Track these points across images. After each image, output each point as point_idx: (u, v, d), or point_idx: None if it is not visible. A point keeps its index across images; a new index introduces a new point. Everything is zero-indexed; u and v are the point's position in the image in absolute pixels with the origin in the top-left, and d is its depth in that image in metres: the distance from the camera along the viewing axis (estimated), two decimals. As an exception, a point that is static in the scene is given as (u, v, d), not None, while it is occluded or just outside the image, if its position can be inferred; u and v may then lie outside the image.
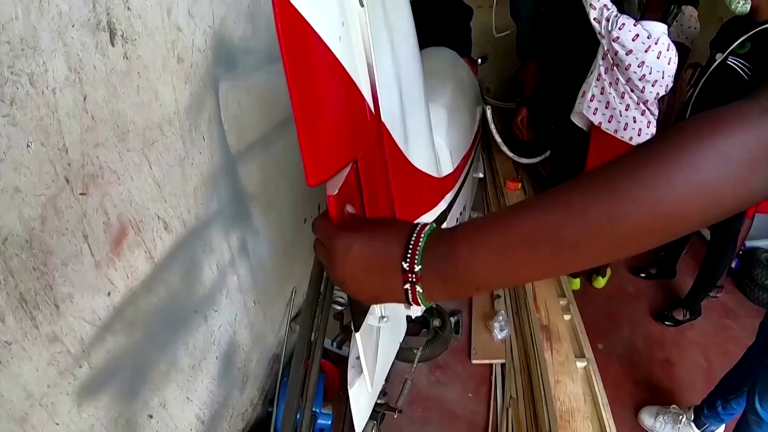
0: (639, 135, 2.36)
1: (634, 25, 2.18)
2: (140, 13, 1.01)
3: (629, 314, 2.73)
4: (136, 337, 1.05)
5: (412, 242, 0.48)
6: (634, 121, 2.34)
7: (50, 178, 0.81)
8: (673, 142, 0.41)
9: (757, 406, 1.51)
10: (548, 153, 3.49)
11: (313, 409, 1.59)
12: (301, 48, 0.54)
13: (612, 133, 2.40)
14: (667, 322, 2.67)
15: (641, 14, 2.27)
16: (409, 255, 0.47)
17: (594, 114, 2.41)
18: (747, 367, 1.76)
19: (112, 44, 0.94)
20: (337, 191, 0.58)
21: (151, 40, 1.05)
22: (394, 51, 0.93)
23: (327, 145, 0.61)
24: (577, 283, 2.80)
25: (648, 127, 2.35)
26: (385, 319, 1.11)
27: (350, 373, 1.02)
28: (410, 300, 0.50)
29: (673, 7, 2.26)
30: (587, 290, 2.85)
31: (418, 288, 0.48)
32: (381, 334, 1.15)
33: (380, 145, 0.88)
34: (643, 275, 3.03)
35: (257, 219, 1.66)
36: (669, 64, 2.23)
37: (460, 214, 2.21)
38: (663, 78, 2.24)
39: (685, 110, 2.43)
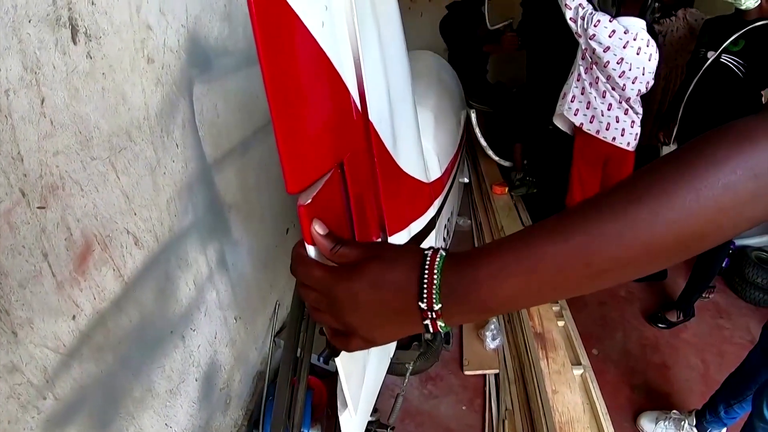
0: (622, 135, 2.35)
1: (610, 21, 2.18)
2: (106, 9, 0.94)
3: (622, 318, 2.71)
4: (106, 362, 0.97)
5: (425, 280, 0.44)
6: (617, 121, 2.34)
7: (3, 190, 0.73)
8: (701, 156, 0.39)
9: (765, 410, 1.49)
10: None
11: (301, 430, 1.52)
12: (278, 31, 0.47)
13: (594, 134, 2.38)
14: (660, 325, 2.65)
15: (617, 10, 2.27)
16: (425, 295, 0.44)
17: (575, 115, 2.40)
18: (750, 372, 1.73)
19: (74, 42, 0.87)
20: (310, 200, 0.51)
21: (118, 38, 0.98)
22: (381, 45, 0.86)
23: (309, 148, 0.54)
24: (568, 288, 2.75)
25: (632, 126, 2.36)
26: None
27: (339, 397, 0.94)
28: (431, 331, 0.46)
29: (650, 1, 2.25)
30: (578, 296, 2.79)
31: (440, 322, 0.44)
32: (370, 355, 1.08)
33: (368, 147, 0.81)
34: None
35: (236, 230, 1.59)
36: (649, 60, 2.23)
37: (448, 220, 2.16)
38: (643, 75, 2.25)
39: (677, 108, 2.42)
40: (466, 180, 3.38)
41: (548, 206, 3.07)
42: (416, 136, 1.29)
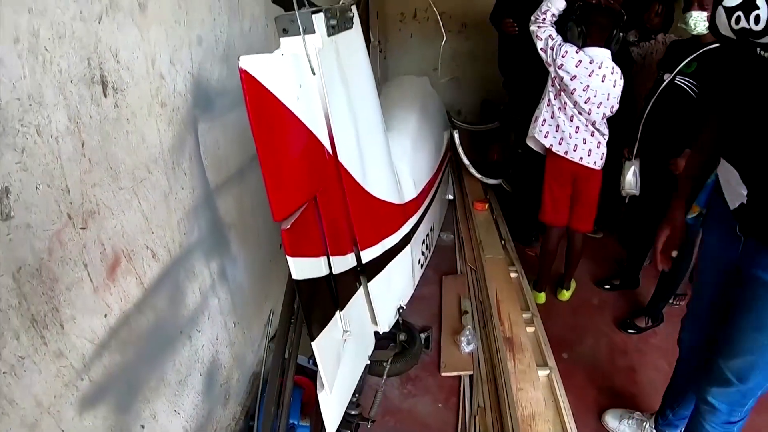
0: (589, 155, 2.54)
1: (576, 52, 2.38)
2: (128, 65, 1.17)
3: (594, 324, 2.86)
4: (129, 354, 1.19)
5: None
6: (584, 143, 2.52)
7: (55, 215, 0.95)
8: None
9: (708, 397, 1.60)
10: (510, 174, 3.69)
11: (291, 421, 1.73)
12: (264, 111, 0.70)
13: (563, 155, 2.57)
14: (630, 330, 2.80)
15: (582, 42, 2.45)
16: None
17: (545, 137, 2.59)
18: (681, 382, 1.93)
19: (105, 95, 1.09)
20: (289, 226, 0.75)
21: (138, 89, 1.21)
22: (350, 101, 1.10)
23: (288, 187, 0.78)
24: (542, 297, 2.94)
25: (598, 147, 2.54)
26: (347, 333, 1.26)
27: (318, 381, 1.17)
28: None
29: (615, 31, 2.44)
30: (553, 303, 2.99)
31: None
32: (345, 347, 1.30)
33: (339, 181, 1.05)
34: (607, 287, 3.18)
35: (235, 246, 1.81)
36: (614, 86, 2.42)
37: (427, 235, 2.37)
38: (608, 100, 2.43)
39: (637, 127, 2.62)
40: (451, 197, 3.61)
41: (523, 220, 3.27)
42: (387, 166, 1.53)
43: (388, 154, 1.53)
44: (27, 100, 0.89)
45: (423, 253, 2.32)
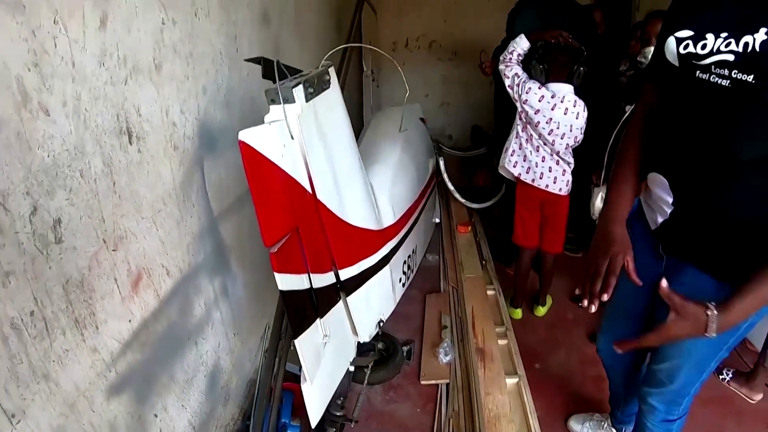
0: (554, 182, 2.78)
1: (539, 88, 2.64)
2: (148, 117, 1.45)
3: (567, 338, 3.08)
4: (146, 354, 1.45)
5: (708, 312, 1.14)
6: (550, 171, 2.77)
7: (94, 239, 1.23)
8: None
9: (647, 398, 1.77)
10: (496, 198, 3.95)
11: (283, 420, 1.99)
12: (256, 167, 1.00)
13: (530, 182, 2.83)
14: None
15: (546, 78, 2.70)
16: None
17: (514, 167, 2.85)
18: (614, 386, 2.18)
19: (130, 143, 1.38)
20: (276, 250, 1.03)
21: (155, 136, 1.49)
22: (327, 150, 1.40)
23: (275, 220, 1.07)
24: (518, 313, 3.18)
25: (563, 174, 2.78)
26: (327, 337, 1.54)
27: (301, 373, 1.44)
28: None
29: (575, 67, 2.67)
30: (529, 319, 3.23)
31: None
32: (326, 349, 1.57)
33: (317, 214, 1.36)
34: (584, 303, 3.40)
35: (235, 267, 2.08)
36: (577, 118, 2.66)
37: (408, 257, 2.64)
38: (571, 131, 2.67)
39: (603, 155, 2.76)
40: (437, 220, 3.88)
41: (504, 241, 3.52)
42: (363, 198, 1.82)
43: (364, 188, 1.82)
44: (73, 150, 1.17)
45: (404, 273, 2.59)
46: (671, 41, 1.30)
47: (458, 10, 6.54)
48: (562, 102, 2.63)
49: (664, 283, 1.16)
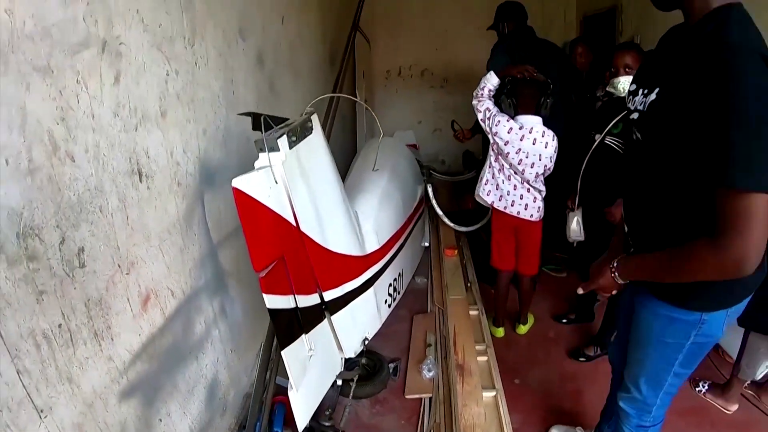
0: (526, 209, 3.02)
1: (508, 121, 2.88)
2: (155, 158, 1.71)
3: (547, 355, 3.28)
4: (153, 364, 1.68)
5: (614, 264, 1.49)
6: (521, 198, 3.01)
7: (111, 265, 1.47)
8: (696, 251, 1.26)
9: (619, 402, 1.90)
10: (483, 222, 4.17)
11: (276, 429, 2.21)
12: (247, 207, 1.25)
13: (503, 210, 3.06)
14: (581, 359, 3.18)
15: (515, 111, 2.94)
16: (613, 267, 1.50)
17: (488, 195, 3.08)
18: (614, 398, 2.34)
19: (141, 181, 1.63)
20: (265, 274, 1.28)
21: (162, 174, 1.74)
22: (309, 188, 1.66)
23: (263, 250, 1.32)
24: (500, 331, 3.40)
25: (534, 201, 3.02)
26: (312, 351, 1.77)
27: (289, 385, 1.67)
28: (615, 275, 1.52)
29: (542, 99, 2.92)
30: (511, 337, 3.44)
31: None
32: (311, 362, 1.80)
33: (302, 244, 1.61)
34: (564, 321, 3.60)
35: (232, 290, 2.32)
36: (546, 147, 2.88)
37: (394, 280, 2.87)
38: (540, 160, 2.90)
39: (576, 181, 2.98)
40: (426, 244, 4.12)
41: (486, 264, 3.73)
42: (346, 228, 2.07)
43: (346, 218, 2.07)
44: (94, 190, 1.42)
45: (390, 294, 2.82)
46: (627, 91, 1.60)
47: (449, 38, 6.87)
48: (530, 133, 2.87)
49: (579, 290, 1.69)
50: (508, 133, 2.89)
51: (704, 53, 1.22)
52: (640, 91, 1.47)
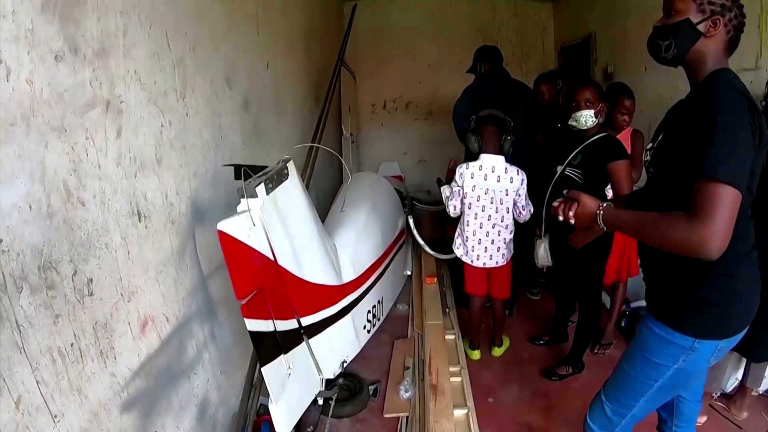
0: (491, 259, 3.41)
1: (468, 168, 3.24)
2: (152, 200, 1.99)
3: (521, 375, 3.50)
4: (150, 382, 1.93)
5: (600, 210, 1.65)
6: (498, 251, 3.40)
7: (114, 293, 1.74)
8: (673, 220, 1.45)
9: (587, 418, 2.06)
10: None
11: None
12: (230, 246, 1.55)
13: (470, 263, 3.46)
14: (553, 378, 3.41)
15: (480, 148, 3.26)
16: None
17: (465, 255, 3.50)
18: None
19: (140, 221, 1.91)
20: (245, 302, 1.56)
21: (158, 214, 2.02)
22: (286, 227, 1.96)
23: (244, 281, 1.61)
24: (476, 354, 3.66)
25: (498, 251, 3.40)
26: (290, 370, 2.03)
27: (269, 398, 1.94)
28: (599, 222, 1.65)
29: (504, 137, 3.24)
30: (487, 358, 3.70)
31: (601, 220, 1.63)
32: (290, 380, 2.06)
33: (279, 276, 1.90)
34: (539, 342, 3.87)
35: (221, 316, 2.58)
36: (511, 182, 3.20)
37: (373, 307, 3.15)
38: (507, 195, 3.23)
39: (541, 210, 3.25)
40: (408, 273, 4.40)
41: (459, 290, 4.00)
42: (322, 260, 2.36)
43: (322, 251, 2.36)
44: (101, 229, 1.70)
45: (369, 321, 3.10)
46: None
47: (431, 72, 7.24)
48: (493, 171, 3.20)
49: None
50: (472, 178, 3.23)
51: (699, 95, 1.55)
52: (650, 144, 1.78)
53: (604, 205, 1.66)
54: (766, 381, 2.94)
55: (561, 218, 1.73)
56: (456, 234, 3.44)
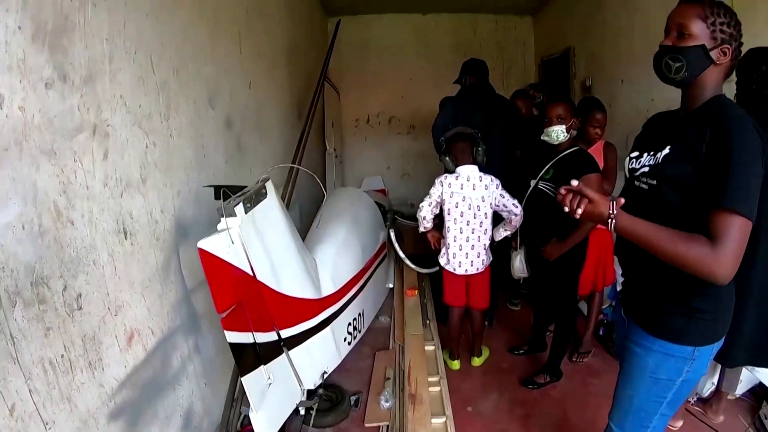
0: (472, 265, 3.53)
1: (446, 179, 3.40)
2: (137, 219, 2.10)
3: (500, 384, 3.60)
4: (136, 392, 2.03)
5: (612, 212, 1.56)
6: (478, 256, 3.52)
7: (102, 307, 1.85)
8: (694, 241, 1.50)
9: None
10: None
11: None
12: (210, 263, 1.68)
13: (452, 271, 3.58)
14: (531, 386, 3.50)
15: (455, 164, 3.44)
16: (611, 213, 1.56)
17: (447, 264, 3.62)
18: None
19: (126, 239, 2.02)
20: (225, 315, 1.69)
21: (143, 232, 2.14)
22: (264, 244, 2.08)
23: (224, 296, 1.74)
24: (456, 364, 3.78)
25: (478, 256, 3.52)
26: (270, 380, 2.14)
27: (250, 406, 2.05)
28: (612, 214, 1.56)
29: (475, 149, 3.43)
30: (467, 368, 3.81)
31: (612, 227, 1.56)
32: (270, 389, 2.17)
33: (258, 290, 2.03)
34: (519, 352, 3.99)
35: (205, 329, 2.68)
36: (486, 189, 3.36)
37: (354, 319, 3.27)
38: (484, 201, 3.38)
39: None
40: (390, 285, 4.53)
41: (438, 307, 4.14)
42: (301, 275, 2.48)
43: (301, 266, 2.49)
44: (89, 247, 1.81)
45: (350, 333, 3.22)
46: (626, 160, 1.90)
47: (414, 86, 7.43)
48: (468, 180, 3.38)
49: (574, 182, 1.64)
50: (450, 187, 3.40)
51: (715, 122, 1.58)
52: (645, 154, 1.80)
53: (616, 209, 1.60)
54: (741, 385, 3.07)
55: (566, 209, 1.62)
56: (443, 251, 3.60)
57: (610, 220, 1.57)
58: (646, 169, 1.77)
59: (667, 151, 1.70)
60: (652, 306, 1.80)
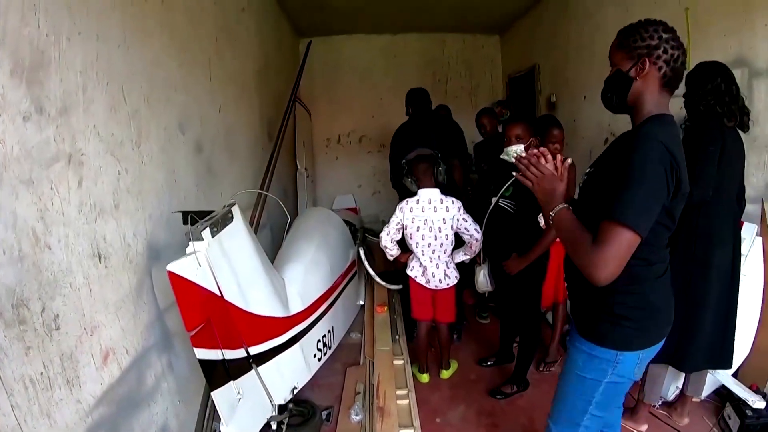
0: (440, 282, 3.69)
1: (406, 204, 3.58)
2: (111, 242, 2.24)
3: (468, 395, 3.74)
4: (112, 409, 2.14)
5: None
6: (445, 275, 3.68)
7: (79, 327, 1.98)
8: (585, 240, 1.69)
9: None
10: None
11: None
12: (179, 284, 1.85)
13: (424, 284, 3.74)
14: (498, 396, 3.64)
15: (417, 186, 3.61)
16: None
17: (417, 278, 3.78)
18: None
19: (100, 262, 2.16)
20: (194, 333, 1.85)
21: (117, 255, 2.27)
22: (231, 266, 2.24)
23: (193, 315, 1.90)
24: (425, 377, 3.93)
25: (445, 274, 3.68)
26: (239, 395, 2.28)
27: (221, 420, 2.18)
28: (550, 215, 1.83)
29: (435, 169, 3.60)
30: (436, 381, 3.96)
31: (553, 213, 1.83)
32: (240, 404, 2.30)
33: (226, 309, 2.18)
34: (487, 364, 4.15)
35: (178, 347, 2.79)
36: (447, 211, 3.52)
37: (323, 336, 3.41)
38: (445, 223, 3.54)
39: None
40: (361, 302, 4.68)
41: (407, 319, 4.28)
42: (268, 294, 2.63)
43: (268, 286, 2.64)
44: (66, 270, 1.94)
45: (320, 349, 3.36)
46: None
47: (384, 105, 7.64)
48: (429, 204, 3.55)
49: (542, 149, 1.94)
50: (411, 211, 3.58)
51: (626, 142, 1.72)
52: (589, 170, 1.98)
53: (562, 205, 1.82)
54: (705, 387, 3.19)
55: (523, 174, 1.94)
56: (410, 265, 3.76)
57: (553, 210, 1.82)
58: (581, 183, 2.00)
59: (590, 170, 1.95)
60: (583, 310, 1.96)
